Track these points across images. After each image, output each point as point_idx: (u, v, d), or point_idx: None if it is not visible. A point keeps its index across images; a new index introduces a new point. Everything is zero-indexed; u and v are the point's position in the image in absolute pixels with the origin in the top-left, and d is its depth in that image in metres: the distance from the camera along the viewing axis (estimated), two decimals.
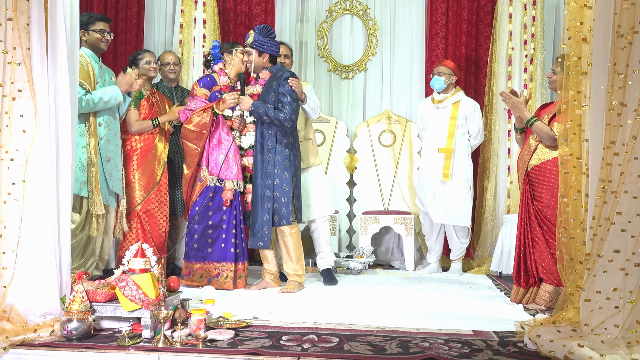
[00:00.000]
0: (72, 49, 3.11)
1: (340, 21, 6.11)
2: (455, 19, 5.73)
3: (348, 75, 6.07)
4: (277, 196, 4.11)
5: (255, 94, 4.25)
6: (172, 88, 4.96)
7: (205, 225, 4.24)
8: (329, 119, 5.93)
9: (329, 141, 5.90)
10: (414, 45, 5.94)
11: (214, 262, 4.24)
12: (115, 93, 3.97)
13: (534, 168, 3.79)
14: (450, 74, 4.94)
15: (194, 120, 4.24)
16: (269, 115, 4.04)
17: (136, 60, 4.47)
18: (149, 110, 4.42)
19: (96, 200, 3.87)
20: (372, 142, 5.85)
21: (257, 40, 4.17)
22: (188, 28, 5.60)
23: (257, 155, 4.16)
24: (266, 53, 4.19)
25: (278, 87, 4.08)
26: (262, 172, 4.14)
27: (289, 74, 4.12)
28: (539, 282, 3.76)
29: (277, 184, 4.11)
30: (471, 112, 4.96)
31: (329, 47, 6.10)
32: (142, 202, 4.31)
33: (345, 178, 5.89)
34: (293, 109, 4.05)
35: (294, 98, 4.06)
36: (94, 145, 3.91)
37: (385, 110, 5.91)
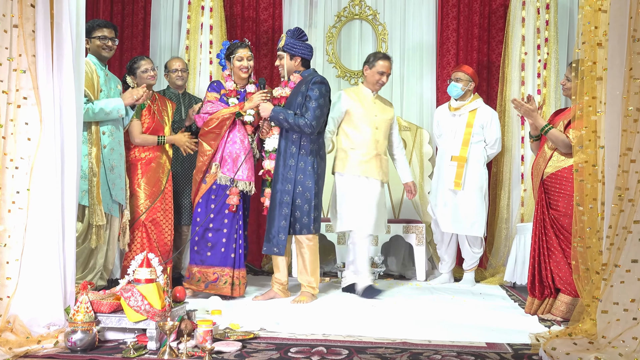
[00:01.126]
0: (77, 56, 3.13)
1: (349, 26, 6.11)
2: (467, 24, 5.73)
3: (357, 82, 6.02)
4: (298, 204, 4.10)
5: (283, 96, 4.26)
6: (180, 95, 4.95)
7: (206, 228, 4.24)
8: None
9: None
10: (425, 50, 5.93)
11: (212, 267, 4.24)
12: (118, 106, 3.98)
13: (549, 176, 3.78)
14: (467, 80, 4.92)
15: (211, 125, 4.25)
16: (289, 122, 4.05)
17: (133, 70, 4.43)
18: (151, 120, 4.41)
19: (97, 211, 3.86)
20: None
21: (289, 43, 4.18)
22: (195, 34, 5.62)
23: (279, 160, 4.17)
24: (298, 56, 4.20)
25: (306, 91, 4.09)
26: (283, 177, 4.14)
27: (319, 78, 4.13)
28: (555, 292, 3.74)
29: (299, 191, 4.11)
30: (488, 121, 4.94)
31: (338, 53, 6.11)
32: (147, 210, 4.30)
33: None
34: (315, 115, 4.04)
35: (319, 104, 4.05)
36: (96, 154, 3.91)
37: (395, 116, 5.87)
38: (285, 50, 4.16)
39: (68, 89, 3.04)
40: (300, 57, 4.18)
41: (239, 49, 4.32)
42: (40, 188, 2.94)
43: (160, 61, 5.84)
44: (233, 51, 4.33)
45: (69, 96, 3.04)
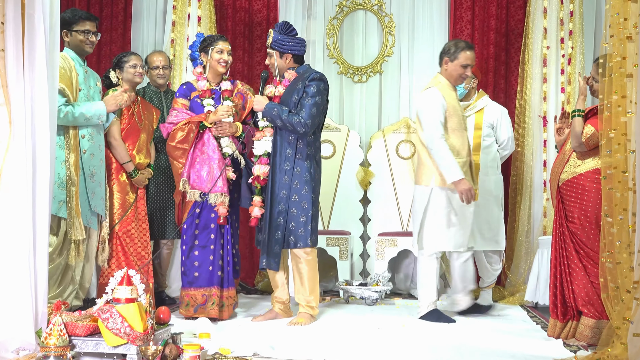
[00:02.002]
0: (51, 50, 3.13)
1: (352, 18, 6.11)
2: (483, 15, 5.72)
3: (361, 79, 6.07)
4: (293, 213, 4.11)
5: (277, 95, 4.27)
6: (161, 93, 4.98)
7: (192, 245, 4.26)
8: (340, 128, 5.93)
9: (340, 153, 5.90)
10: (436, 44, 5.87)
11: (201, 288, 4.24)
12: (99, 111, 3.99)
13: (565, 183, 3.75)
14: (470, 77, 4.89)
15: (177, 136, 4.26)
16: (282, 119, 4.06)
17: (120, 64, 4.46)
18: (128, 121, 4.42)
19: (76, 224, 3.86)
20: (389, 153, 5.84)
21: (277, 40, 4.20)
22: (181, 26, 5.62)
23: (274, 164, 4.18)
24: (288, 53, 4.22)
25: (303, 88, 4.11)
26: (278, 183, 4.15)
27: (317, 75, 4.15)
28: (578, 315, 3.71)
29: (295, 199, 4.12)
30: (498, 119, 4.93)
31: (340, 47, 6.11)
32: (121, 221, 4.30)
33: (358, 195, 5.87)
34: (311, 113, 4.06)
35: (316, 102, 4.07)
36: (75, 161, 3.91)
37: (404, 118, 5.89)
38: (274, 48, 4.19)
39: (41, 87, 3.02)
40: (291, 54, 4.21)
41: (219, 41, 4.34)
42: (8, 197, 2.93)
43: (143, 56, 5.82)
44: (212, 43, 4.33)
45: (42, 95, 3.03)
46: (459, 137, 4.29)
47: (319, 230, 5.39)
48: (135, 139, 4.45)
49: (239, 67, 5.97)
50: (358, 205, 5.87)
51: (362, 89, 6.09)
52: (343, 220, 5.80)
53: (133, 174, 4.38)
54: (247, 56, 6.01)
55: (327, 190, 5.74)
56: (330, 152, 5.89)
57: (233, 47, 5.85)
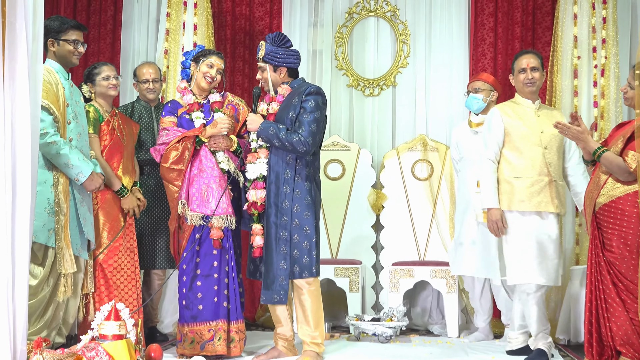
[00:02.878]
0: (34, 62, 3.07)
1: (363, 25, 6.13)
2: (506, 22, 5.73)
3: (373, 92, 6.09)
4: (296, 240, 4.11)
5: (271, 113, 4.28)
6: (152, 109, 4.99)
7: (193, 275, 4.24)
8: (349, 146, 5.93)
9: (350, 173, 5.88)
10: (455, 53, 5.92)
11: (206, 322, 4.22)
12: (84, 169, 3.92)
13: (602, 207, 3.75)
14: (489, 89, 4.94)
15: (170, 156, 4.27)
16: (280, 138, 4.07)
17: (92, 77, 4.47)
18: (110, 137, 4.41)
19: (66, 256, 3.85)
20: (404, 174, 5.84)
21: (270, 52, 4.22)
22: (175, 35, 5.66)
23: (271, 187, 4.18)
24: (283, 67, 4.25)
25: (300, 104, 4.13)
26: (278, 208, 4.15)
27: (314, 88, 4.17)
28: (616, 354, 3.67)
29: (297, 225, 4.13)
30: None
31: (349, 57, 6.12)
32: (107, 249, 4.28)
33: (369, 220, 5.85)
34: (311, 130, 4.07)
35: (315, 118, 4.09)
36: (64, 186, 3.90)
37: (420, 135, 5.91)
38: (267, 61, 4.22)
39: (22, 102, 2.99)
40: (285, 68, 4.24)
41: (213, 55, 4.41)
42: None
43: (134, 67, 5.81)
44: (206, 54, 4.40)
45: (23, 111, 3.01)
46: (525, 157, 4.31)
47: (327, 259, 5.61)
48: (120, 157, 4.45)
49: (238, 79, 6.01)
50: (370, 232, 5.86)
51: (373, 103, 6.09)
52: (353, 248, 5.79)
53: (122, 191, 4.37)
54: (248, 68, 6.02)
55: (335, 215, 5.83)
56: (339, 173, 5.90)
57: (232, 57, 5.96)
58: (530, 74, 4.37)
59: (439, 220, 5.73)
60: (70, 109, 4.01)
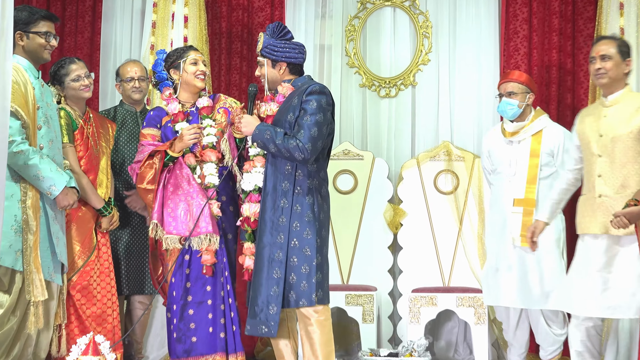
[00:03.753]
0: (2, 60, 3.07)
1: (378, 16, 6.12)
2: (543, 12, 5.73)
3: (389, 93, 6.06)
4: (294, 263, 4.05)
5: (269, 115, 4.25)
6: (137, 114, 4.96)
7: (184, 304, 4.22)
8: (363, 155, 5.92)
9: (363, 186, 5.86)
10: (484, 48, 5.94)
11: (202, 357, 4.20)
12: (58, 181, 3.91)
13: None
14: (524, 91, 4.95)
15: (147, 176, 4.27)
16: (276, 143, 4.02)
17: (58, 77, 4.47)
18: (84, 148, 4.41)
19: (35, 281, 3.82)
20: (425, 187, 5.82)
21: (268, 45, 4.20)
22: (163, 28, 5.64)
23: (266, 200, 4.13)
24: (282, 62, 4.22)
25: (299, 105, 4.08)
26: (273, 225, 4.09)
27: (317, 87, 4.12)
28: None
29: (295, 245, 4.06)
30: (560, 145, 4.94)
31: (362, 53, 6.12)
32: (78, 273, 4.29)
33: (386, 239, 5.85)
34: (311, 135, 4.01)
35: (317, 120, 4.04)
36: (34, 202, 3.87)
37: (444, 142, 5.89)
38: (265, 55, 4.21)
39: None
40: (285, 63, 4.22)
41: (190, 51, 4.44)
42: None
43: (115, 65, 5.86)
44: (182, 54, 4.43)
45: None
46: (586, 167, 4.33)
47: (337, 285, 5.63)
48: (95, 172, 4.46)
49: (235, 78, 6.02)
50: (386, 253, 5.86)
51: (390, 106, 6.09)
52: (367, 272, 5.79)
53: (104, 211, 4.38)
54: (246, 65, 6.03)
55: (346, 234, 5.84)
56: (351, 186, 5.88)
57: (227, 53, 6.06)
58: (599, 63, 4.29)
59: (466, 240, 5.72)
60: (41, 112, 3.97)
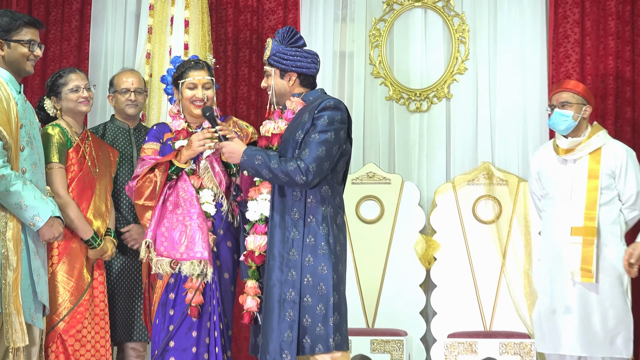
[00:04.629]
0: None
1: (407, 19, 6.14)
2: (597, 12, 5.74)
3: (420, 106, 6.04)
4: (308, 303, 3.98)
5: (276, 133, 4.19)
6: (130, 131, 4.96)
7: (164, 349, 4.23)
8: (390, 178, 5.93)
9: (390, 214, 5.87)
10: (529, 55, 5.92)
11: None
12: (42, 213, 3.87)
13: None
14: (580, 102, 4.92)
15: (145, 192, 4.30)
16: (270, 167, 3.96)
17: (56, 87, 4.48)
18: (78, 167, 4.40)
19: (15, 325, 3.76)
20: (462, 215, 5.82)
21: (277, 53, 4.16)
22: (161, 34, 5.64)
23: (275, 232, 4.06)
24: (292, 72, 4.17)
25: (310, 121, 4.02)
26: (283, 260, 4.03)
27: (332, 102, 4.05)
28: None
29: (309, 282, 3.99)
30: (622, 165, 4.91)
31: (389, 62, 6.14)
32: (68, 315, 4.27)
33: (417, 276, 5.85)
34: (317, 155, 3.95)
35: (326, 139, 3.98)
36: (15, 234, 3.83)
37: (484, 164, 5.88)
38: (272, 64, 4.18)
39: None
40: (296, 73, 4.17)
41: (190, 71, 4.44)
42: None
43: (106, 76, 5.90)
44: (182, 74, 4.45)
45: None
46: None
47: (360, 329, 5.74)
48: (90, 195, 4.44)
49: (242, 91, 6.07)
50: (417, 292, 5.85)
51: (421, 122, 6.09)
52: (395, 314, 5.79)
53: (93, 242, 4.34)
54: (255, 76, 6.03)
55: (371, 269, 5.86)
56: (376, 214, 5.89)
57: (234, 62, 6.22)
58: None
59: (511, 276, 5.70)
60: (24, 130, 3.93)
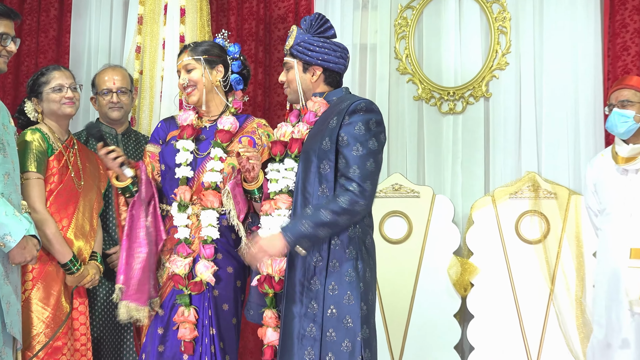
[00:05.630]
0: None
1: (438, 5, 6.22)
2: None
3: (453, 107, 6.08)
4: (331, 339, 3.95)
5: (296, 138, 4.15)
6: (118, 136, 5.01)
7: None
8: (418, 191, 5.95)
9: (419, 233, 5.91)
10: (581, 47, 5.95)
11: None
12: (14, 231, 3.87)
13: None
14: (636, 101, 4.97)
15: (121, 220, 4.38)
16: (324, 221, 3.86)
17: (37, 87, 4.52)
18: (59, 177, 4.41)
19: None
20: (503, 234, 5.82)
21: (301, 42, 4.13)
22: (153, 24, 5.65)
23: (295, 256, 4.05)
24: (317, 66, 4.14)
25: (339, 128, 3.93)
26: (303, 289, 4.02)
27: (363, 104, 3.98)
28: None
29: (333, 314, 3.96)
30: None
31: (417, 56, 6.22)
32: (43, 350, 4.29)
33: (452, 305, 5.88)
34: (368, 170, 3.92)
35: (370, 150, 3.93)
36: None
37: (528, 174, 5.87)
38: (295, 55, 4.15)
39: None
40: (321, 68, 4.15)
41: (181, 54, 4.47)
42: None
43: (90, 73, 6.00)
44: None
45: None
46: None
47: None
48: (72, 210, 4.46)
49: (247, 91, 5.95)
50: (452, 323, 5.87)
51: (455, 125, 6.13)
52: (426, 349, 5.82)
53: (72, 266, 4.37)
54: (262, 72, 6.10)
55: (397, 297, 5.89)
56: (403, 233, 5.93)
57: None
58: None
59: (561, 305, 5.69)
60: None
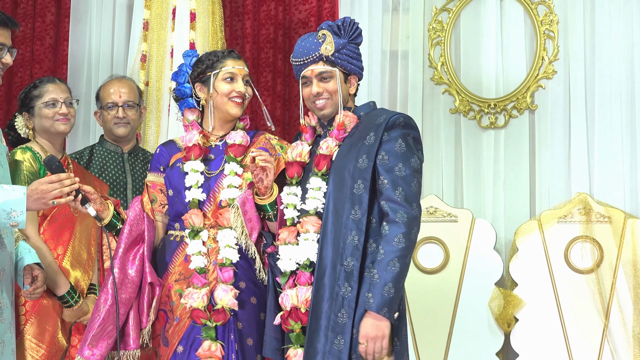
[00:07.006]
0: None
1: (477, 8, 6.27)
2: None
3: (495, 121, 6.16)
4: None
5: (325, 155, 4.22)
6: (124, 155, 5.10)
7: None
8: (456, 215, 6.07)
9: (457, 262, 5.99)
10: (638, 54, 5.96)
11: None
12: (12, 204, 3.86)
13: None
14: None
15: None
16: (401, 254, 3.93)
17: (29, 100, 4.56)
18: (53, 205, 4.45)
19: None
20: (552, 262, 5.88)
21: (343, 49, 4.23)
22: (160, 30, 5.79)
23: (321, 285, 4.11)
24: (354, 75, 4.30)
25: (378, 145, 4.07)
26: (329, 322, 4.07)
27: (402, 118, 4.11)
28: None
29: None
30: None
31: (454, 64, 6.28)
32: None
33: (494, 342, 5.94)
34: (413, 191, 4.02)
35: (414, 168, 4.06)
36: None
37: (579, 195, 5.94)
38: (338, 63, 4.22)
39: None
40: (357, 77, 4.33)
41: (227, 60, 4.44)
42: None
43: (90, 85, 6.12)
44: (214, 63, 4.45)
45: None
46: None
47: None
48: (67, 239, 4.53)
49: (264, 103, 5.94)
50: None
51: (496, 140, 6.22)
52: None
53: (69, 299, 4.44)
54: (281, 83, 6.21)
55: (433, 333, 5.97)
56: (439, 261, 6.03)
57: (254, 65, 6.29)
58: None
59: (616, 341, 5.75)
60: None
